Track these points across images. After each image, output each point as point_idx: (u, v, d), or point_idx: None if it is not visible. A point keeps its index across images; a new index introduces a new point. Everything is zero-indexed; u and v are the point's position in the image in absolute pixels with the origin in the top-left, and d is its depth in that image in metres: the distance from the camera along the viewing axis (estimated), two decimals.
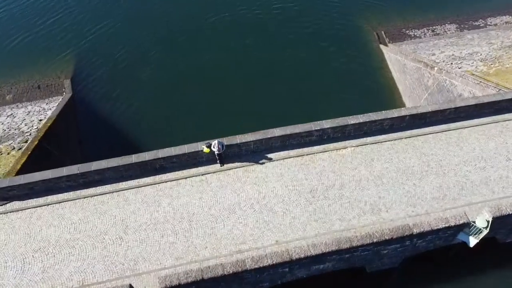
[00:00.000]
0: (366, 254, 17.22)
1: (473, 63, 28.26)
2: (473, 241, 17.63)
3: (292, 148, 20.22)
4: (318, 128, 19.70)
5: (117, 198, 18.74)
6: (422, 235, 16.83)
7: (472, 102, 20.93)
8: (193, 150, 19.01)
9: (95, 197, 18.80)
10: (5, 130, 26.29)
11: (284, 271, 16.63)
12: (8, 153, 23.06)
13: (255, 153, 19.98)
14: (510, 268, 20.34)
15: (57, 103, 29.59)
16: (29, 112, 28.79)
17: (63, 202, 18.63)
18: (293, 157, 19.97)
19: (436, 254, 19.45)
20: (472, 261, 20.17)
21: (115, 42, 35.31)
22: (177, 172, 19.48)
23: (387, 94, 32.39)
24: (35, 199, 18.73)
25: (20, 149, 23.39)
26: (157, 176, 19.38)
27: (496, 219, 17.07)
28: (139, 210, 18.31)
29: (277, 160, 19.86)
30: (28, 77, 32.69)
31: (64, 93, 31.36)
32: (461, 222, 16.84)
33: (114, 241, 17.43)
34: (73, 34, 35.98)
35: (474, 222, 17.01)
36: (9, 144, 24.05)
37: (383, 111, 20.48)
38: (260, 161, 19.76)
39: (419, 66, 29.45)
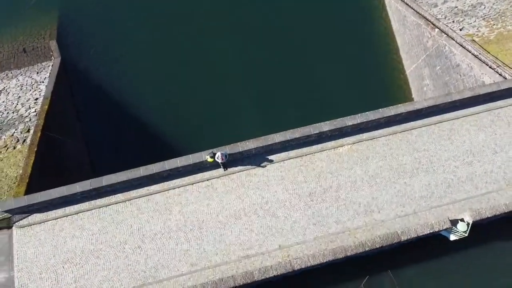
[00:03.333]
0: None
1: (475, 21, 27.35)
2: (453, 237, 19.86)
3: (292, 149, 21.07)
4: (317, 131, 20.33)
5: (130, 207, 20.17)
6: (408, 239, 18.95)
7: (468, 94, 21.25)
8: (198, 161, 19.89)
9: (110, 206, 20.19)
10: (2, 114, 26.31)
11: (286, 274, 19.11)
12: (14, 148, 23.65)
13: (256, 156, 20.87)
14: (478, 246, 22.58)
15: (48, 73, 28.90)
16: (21, 86, 28.29)
17: (80, 212, 20.07)
18: (293, 158, 20.96)
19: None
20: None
21: None
22: (183, 178, 20.58)
23: (384, 46, 31.75)
24: (53, 211, 20.07)
25: (24, 140, 23.91)
26: (165, 183, 20.53)
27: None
28: (152, 219, 19.91)
29: (278, 162, 20.89)
30: (11, 39, 31.10)
31: (53, 58, 30.32)
32: (444, 227, 18.84)
33: (134, 250, 19.39)
34: None
35: (456, 226, 19.02)
36: (12, 135, 24.45)
37: (380, 109, 20.90)
38: (262, 164, 20.79)
39: (420, 22, 28.39)
